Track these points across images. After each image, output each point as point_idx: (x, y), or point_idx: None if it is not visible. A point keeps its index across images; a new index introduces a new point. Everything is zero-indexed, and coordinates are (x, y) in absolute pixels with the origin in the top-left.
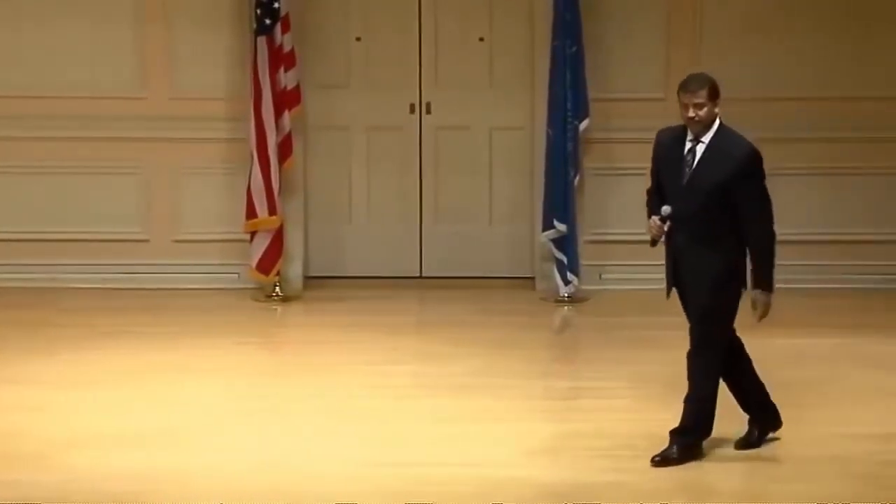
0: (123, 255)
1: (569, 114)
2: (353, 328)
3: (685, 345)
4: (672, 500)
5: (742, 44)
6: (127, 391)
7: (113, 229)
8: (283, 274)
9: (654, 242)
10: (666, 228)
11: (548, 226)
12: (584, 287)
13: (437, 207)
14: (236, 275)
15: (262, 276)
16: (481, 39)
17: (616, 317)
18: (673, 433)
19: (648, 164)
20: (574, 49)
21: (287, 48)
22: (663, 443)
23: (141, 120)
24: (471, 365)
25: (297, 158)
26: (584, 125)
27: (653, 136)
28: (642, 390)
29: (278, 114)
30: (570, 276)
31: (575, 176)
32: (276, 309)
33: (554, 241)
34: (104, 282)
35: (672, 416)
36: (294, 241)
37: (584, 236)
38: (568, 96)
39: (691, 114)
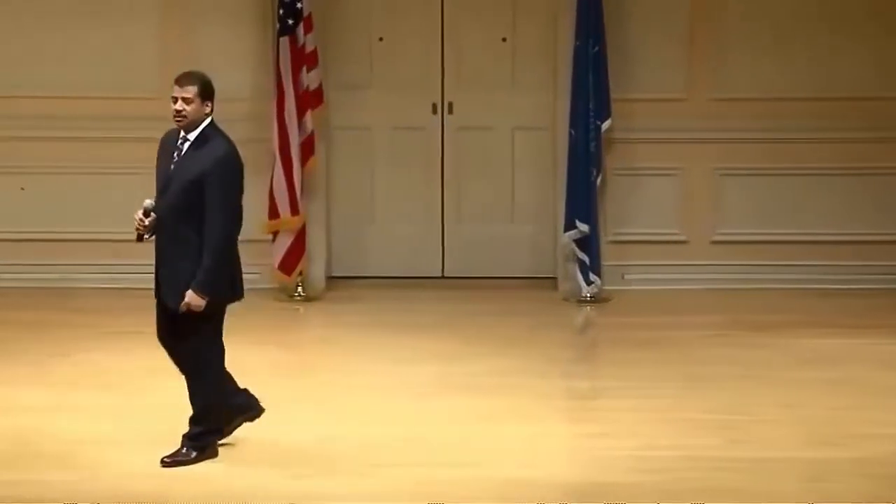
0: (144, 255)
1: (591, 114)
2: (375, 328)
3: (708, 344)
4: (694, 500)
5: (763, 43)
6: (146, 391)
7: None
8: (305, 274)
9: (139, 237)
10: (147, 223)
11: (570, 226)
12: (606, 287)
13: (459, 208)
14: (258, 275)
15: (284, 277)
16: (504, 40)
17: (638, 317)
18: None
19: (672, 165)
20: (596, 49)
21: (310, 48)
22: (685, 442)
23: (163, 120)
24: (492, 365)
25: (319, 158)
26: (606, 125)
27: (676, 136)
28: (663, 390)
29: (301, 114)
30: (592, 276)
31: (597, 176)
32: (298, 309)
33: (576, 241)
34: (124, 282)
35: (693, 415)
36: (316, 242)
37: (606, 236)
38: (590, 96)
39: (178, 107)
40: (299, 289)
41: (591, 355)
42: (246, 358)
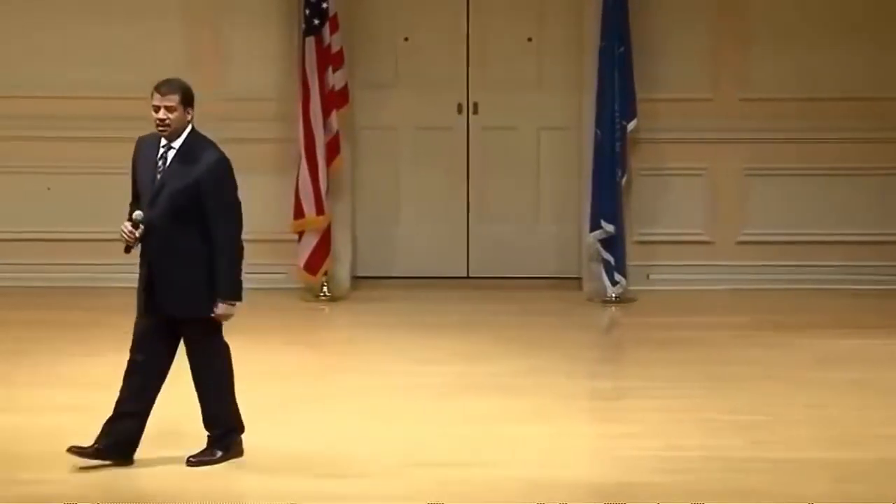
0: None
1: (617, 114)
2: (399, 328)
3: (733, 344)
4: (717, 500)
5: (790, 43)
6: (171, 391)
7: None
8: (330, 274)
9: (127, 248)
10: (138, 234)
11: (595, 226)
12: (631, 288)
13: (484, 208)
14: (284, 274)
15: (309, 276)
16: (529, 40)
17: (663, 317)
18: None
19: (697, 165)
20: (622, 50)
21: (335, 48)
22: (709, 443)
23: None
24: (516, 365)
25: (344, 158)
26: (631, 125)
27: (702, 136)
28: (687, 391)
29: (326, 114)
30: (617, 276)
31: (622, 176)
32: (323, 309)
33: (601, 241)
34: None
35: (717, 416)
36: (341, 242)
37: (631, 237)
38: (616, 97)
39: (162, 115)
40: (324, 289)
41: (615, 356)
42: (271, 357)
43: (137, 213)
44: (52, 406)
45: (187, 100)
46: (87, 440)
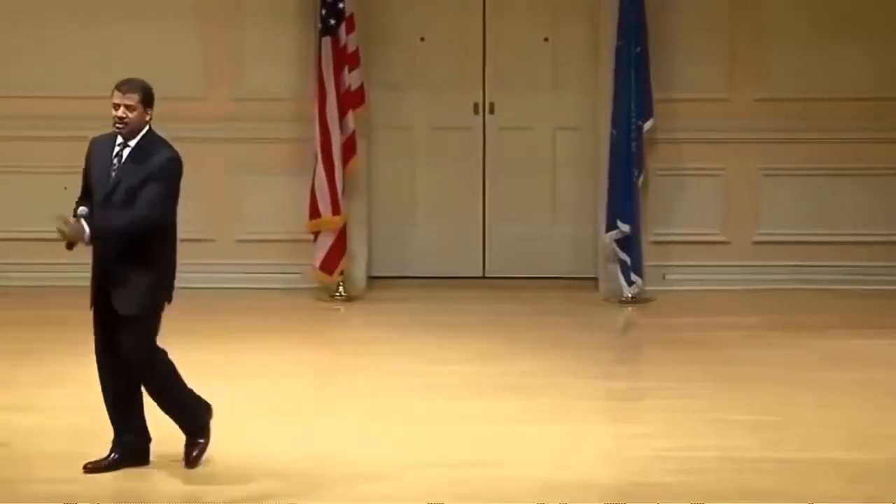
0: (187, 254)
1: (633, 114)
2: (415, 328)
3: (747, 345)
4: (731, 501)
5: (807, 43)
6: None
7: (178, 229)
8: (346, 274)
9: (69, 245)
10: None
11: (611, 226)
12: (647, 288)
13: (500, 208)
14: (299, 275)
15: (325, 276)
16: (546, 40)
17: (679, 318)
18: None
19: (714, 165)
20: (638, 49)
21: (351, 48)
22: (723, 443)
23: (205, 121)
24: (531, 365)
25: (360, 158)
26: (647, 125)
27: (718, 136)
28: (702, 391)
29: (342, 114)
30: (633, 276)
31: (639, 176)
32: (339, 309)
33: (617, 241)
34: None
35: (731, 416)
36: (357, 242)
37: (647, 237)
38: (632, 96)
39: (121, 114)
40: (340, 288)
41: (631, 356)
42: (286, 357)
43: (82, 209)
44: (61, 406)
45: (147, 100)
46: (99, 440)
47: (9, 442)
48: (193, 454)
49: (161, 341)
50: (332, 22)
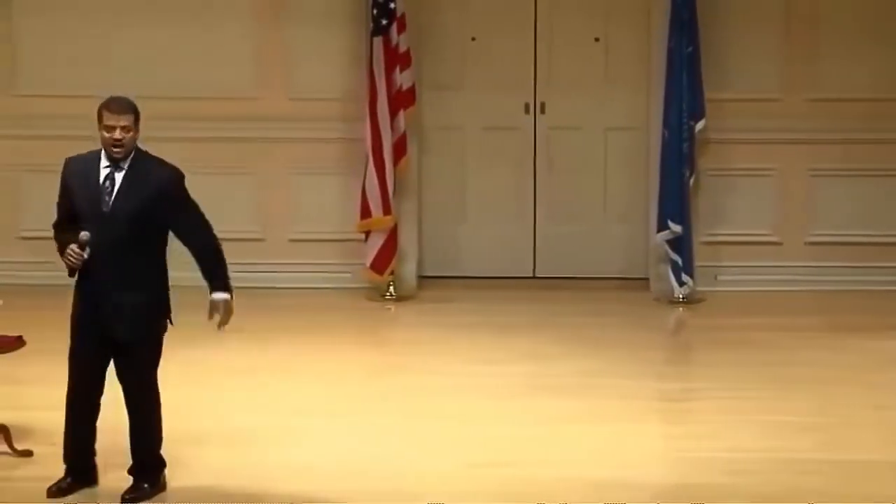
0: (239, 254)
1: (684, 114)
2: (465, 328)
3: (799, 346)
4: (783, 502)
5: (860, 43)
6: (238, 389)
7: (229, 228)
8: (397, 273)
9: (72, 272)
10: (86, 255)
11: (662, 227)
12: (698, 288)
13: (551, 207)
14: (350, 274)
15: (376, 276)
16: (597, 39)
17: (730, 318)
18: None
19: (766, 165)
20: (690, 49)
21: (403, 48)
22: (776, 444)
23: (257, 120)
24: (582, 366)
25: (411, 158)
26: (699, 125)
27: (770, 136)
28: (754, 392)
29: (393, 114)
30: (684, 277)
31: (690, 176)
32: (389, 308)
33: (668, 241)
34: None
35: (784, 417)
36: (408, 241)
37: (698, 237)
38: (684, 96)
39: (118, 136)
40: (391, 288)
41: (682, 357)
42: (337, 357)
43: (85, 235)
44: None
45: (138, 119)
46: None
47: (58, 442)
48: (134, 495)
49: (212, 340)
50: (384, 22)
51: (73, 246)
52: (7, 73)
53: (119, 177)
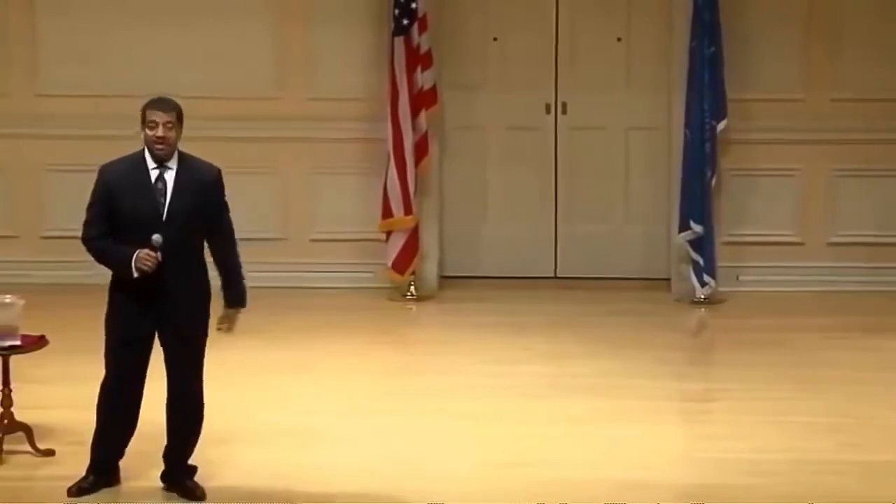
0: (260, 253)
1: (706, 114)
2: (486, 328)
3: (821, 347)
4: (807, 503)
5: (883, 43)
6: (260, 389)
7: (250, 228)
8: (418, 273)
9: (144, 276)
10: (160, 258)
11: (684, 227)
12: (720, 289)
13: (572, 208)
14: (371, 274)
15: (397, 276)
16: (619, 39)
17: (752, 319)
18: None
19: (788, 166)
20: (712, 49)
21: (424, 48)
22: (798, 445)
23: (278, 120)
24: (603, 366)
25: (433, 158)
26: (721, 126)
27: (793, 137)
28: (777, 393)
29: (415, 114)
30: (706, 277)
31: (712, 177)
32: (411, 308)
33: (690, 242)
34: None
35: (806, 418)
36: (429, 241)
37: (720, 237)
38: (705, 97)
39: (162, 133)
40: (412, 288)
41: (704, 357)
42: (358, 357)
43: (157, 237)
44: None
45: (181, 118)
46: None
47: (86, 441)
48: (197, 487)
49: (236, 340)
50: (406, 22)
51: (146, 250)
52: (29, 73)
53: (170, 177)
